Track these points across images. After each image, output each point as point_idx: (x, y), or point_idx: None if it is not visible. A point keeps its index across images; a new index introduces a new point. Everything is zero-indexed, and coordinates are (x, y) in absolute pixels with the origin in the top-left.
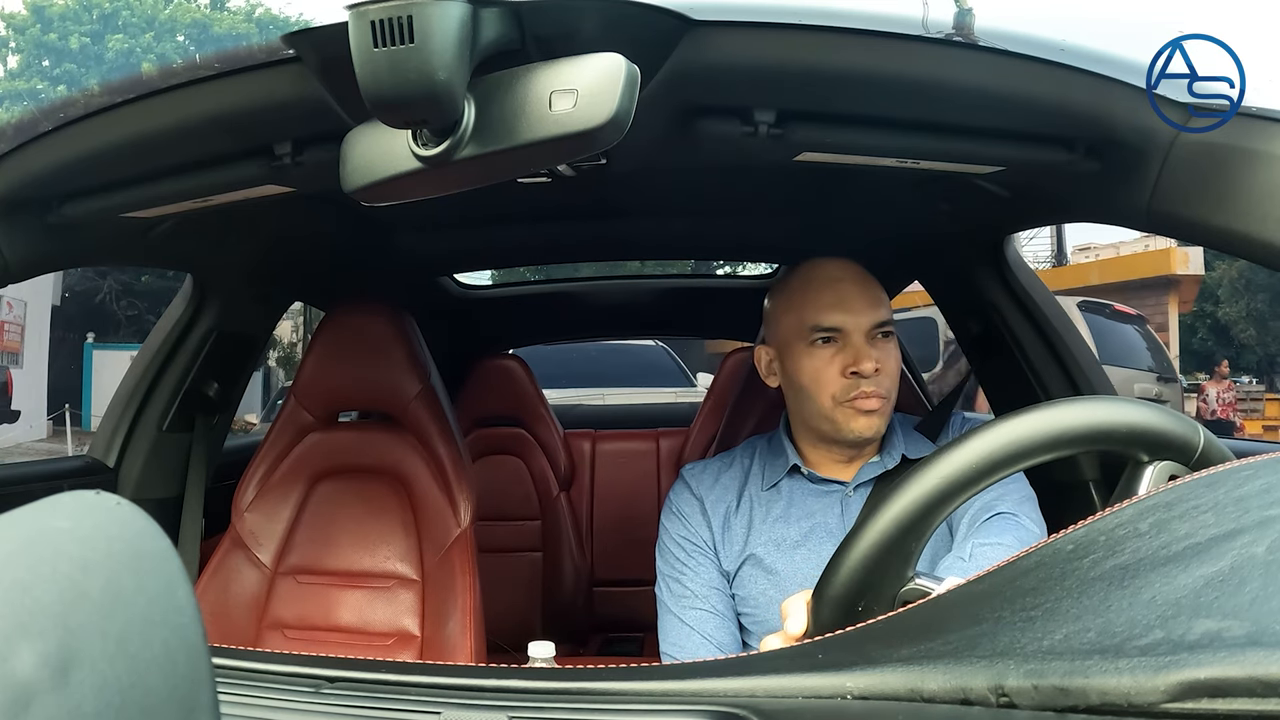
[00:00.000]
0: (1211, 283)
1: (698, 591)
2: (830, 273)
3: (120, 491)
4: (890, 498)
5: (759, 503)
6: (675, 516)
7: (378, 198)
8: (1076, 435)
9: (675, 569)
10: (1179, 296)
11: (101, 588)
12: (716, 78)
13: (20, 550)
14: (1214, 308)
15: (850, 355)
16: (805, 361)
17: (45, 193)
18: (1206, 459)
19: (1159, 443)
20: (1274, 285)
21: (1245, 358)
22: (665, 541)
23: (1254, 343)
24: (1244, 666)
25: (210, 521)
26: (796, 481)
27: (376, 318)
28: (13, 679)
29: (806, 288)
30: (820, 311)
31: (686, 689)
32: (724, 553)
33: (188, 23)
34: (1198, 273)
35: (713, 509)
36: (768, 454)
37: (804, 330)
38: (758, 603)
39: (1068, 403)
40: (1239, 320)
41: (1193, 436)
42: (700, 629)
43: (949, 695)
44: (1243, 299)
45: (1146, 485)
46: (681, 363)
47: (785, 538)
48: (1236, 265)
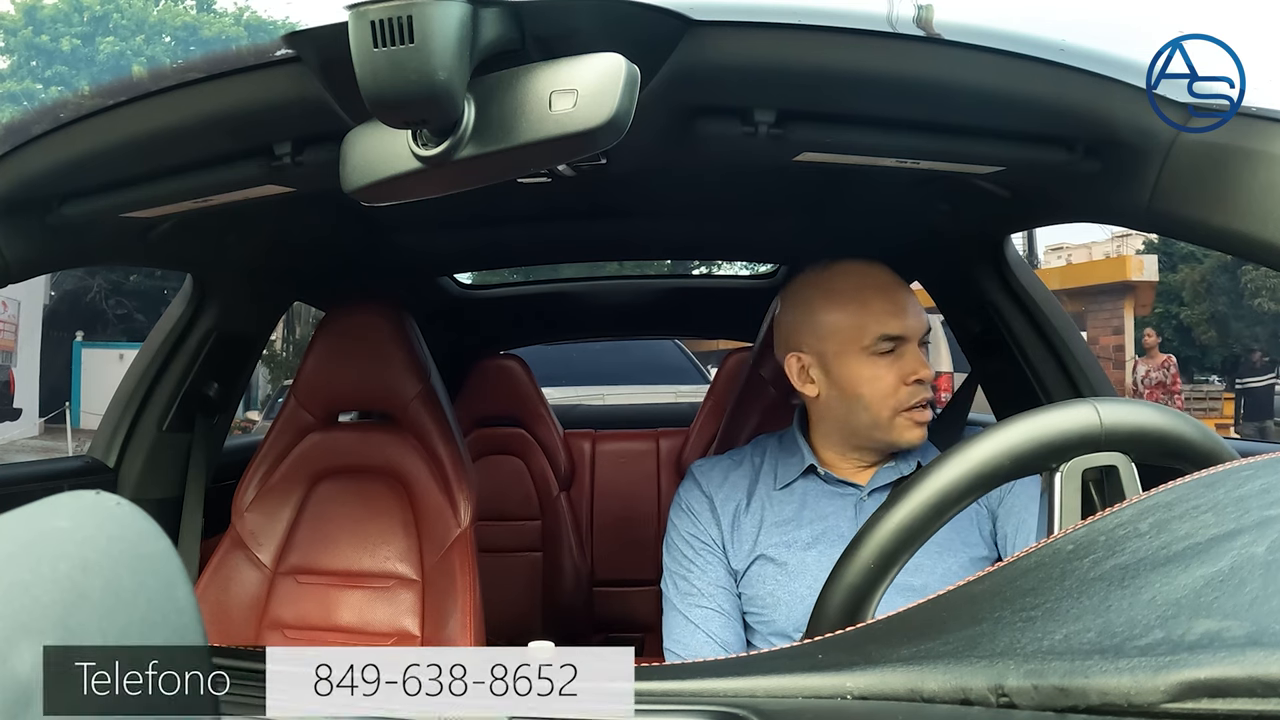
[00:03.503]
0: (1175, 285)
1: (704, 589)
2: (880, 278)
3: (120, 492)
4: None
5: (770, 502)
6: (684, 513)
7: (378, 198)
8: (991, 474)
9: (682, 566)
10: (1135, 301)
11: (101, 588)
12: (716, 78)
13: (21, 551)
14: (1180, 309)
15: (911, 363)
16: (863, 370)
17: (45, 193)
18: (1115, 434)
19: (1060, 445)
20: (1234, 289)
21: (1210, 358)
22: (673, 538)
23: (1215, 344)
24: (1244, 666)
25: (210, 521)
26: (811, 482)
27: (376, 318)
28: (13, 679)
29: (863, 291)
30: (884, 319)
31: (686, 689)
32: (733, 551)
33: (177, 25)
34: (1152, 279)
35: (722, 507)
36: (779, 453)
37: (863, 338)
38: (765, 603)
39: (967, 447)
40: (1200, 323)
41: (1089, 421)
42: (705, 627)
43: (949, 695)
44: (1205, 302)
45: (1058, 488)
46: (694, 358)
47: (796, 538)
48: (1199, 269)
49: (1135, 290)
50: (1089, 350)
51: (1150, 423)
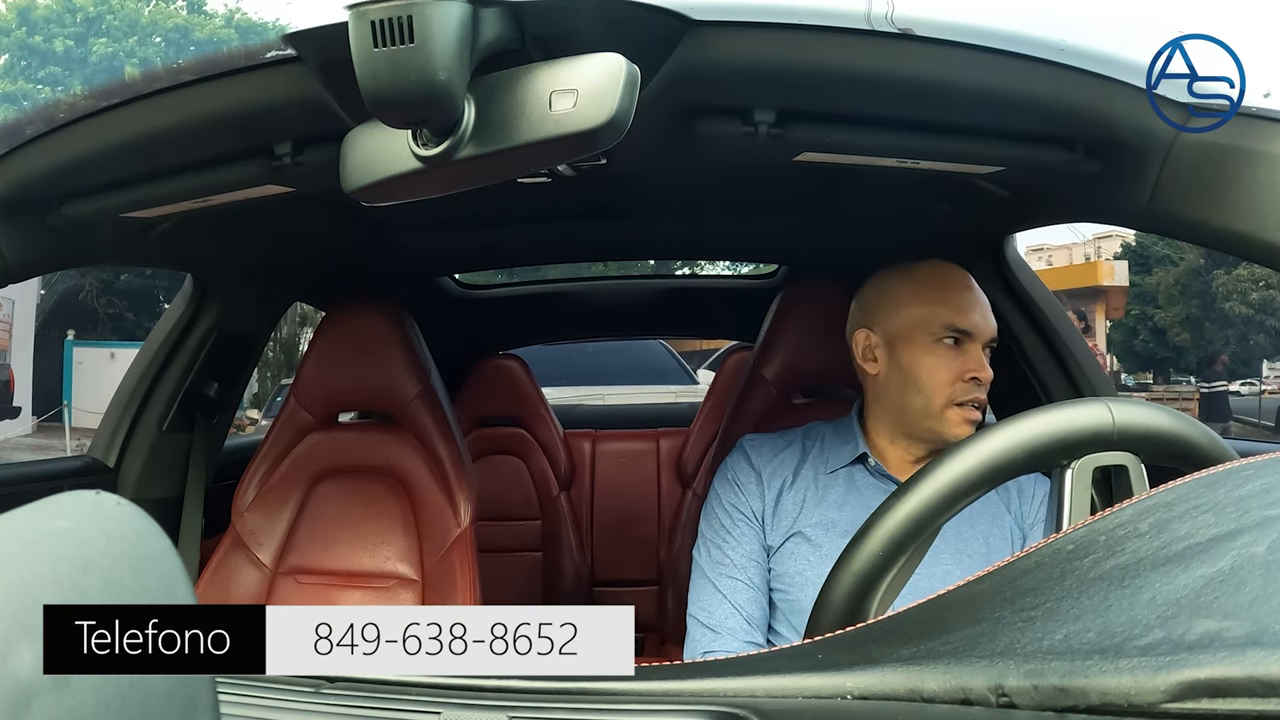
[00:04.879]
0: (1150, 288)
1: (736, 561)
2: (960, 277)
3: (120, 491)
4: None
5: (816, 484)
6: (729, 484)
7: (378, 198)
8: (1003, 467)
9: (719, 534)
10: (1107, 305)
11: (101, 588)
12: (716, 78)
13: (21, 551)
14: (1155, 311)
15: (973, 360)
16: (927, 357)
17: (45, 193)
18: (1127, 434)
19: (1072, 441)
20: (1206, 291)
21: (1184, 359)
22: (713, 506)
23: (1189, 345)
24: (1244, 666)
25: (210, 521)
26: (859, 472)
27: (376, 318)
28: (13, 679)
29: (942, 284)
30: (958, 312)
31: (686, 689)
32: (771, 526)
33: (169, 27)
34: (1123, 284)
35: (769, 481)
36: (833, 439)
37: (935, 325)
38: (794, 581)
39: (981, 439)
40: (1174, 325)
41: (1102, 420)
42: (732, 598)
43: (949, 695)
44: (1179, 304)
45: (1068, 486)
46: (681, 360)
47: (836, 522)
48: (1173, 272)
49: (1107, 294)
50: (1090, 351)
51: (1161, 425)
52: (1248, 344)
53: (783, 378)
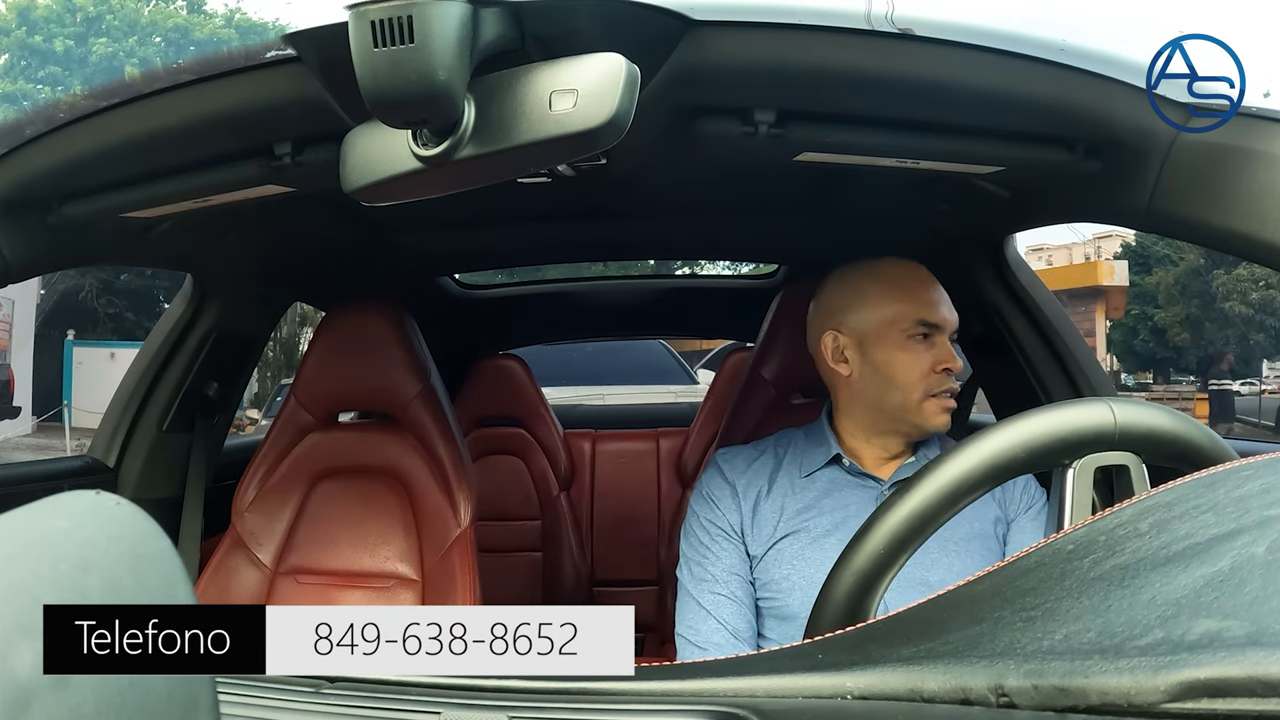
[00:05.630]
0: (1150, 288)
1: (719, 576)
2: (924, 274)
3: (120, 491)
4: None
5: (793, 490)
6: (705, 500)
7: (378, 198)
8: (1004, 467)
9: (699, 552)
10: (1107, 305)
11: (101, 588)
12: (716, 78)
13: (21, 551)
14: (1155, 311)
15: (944, 352)
16: (901, 354)
17: (45, 193)
18: (1129, 434)
19: (1074, 441)
20: (1206, 291)
21: (1184, 359)
22: (692, 524)
23: (1189, 345)
24: (1244, 666)
25: (210, 521)
26: (835, 472)
27: (376, 318)
28: (13, 679)
29: (910, 282)
30: (927, 308)
31: (686, 689)
32: (753, 537)
33: (169, 27)
34: (1123, 284)
35: (744, 493)
36: (805, 443)
37: (907, 322)
38: (780, 587)
39: (982, 438)
40: (1174, 325)
41: (1104, 419)
42: (717, 613)
43: (949, 695)
44: (1178, 304)
45: (1069, 485)
46: (681, 359)
47: (816, 525)
48: (1173, 272)
49: (1106, 294)
50: (1090, 351)
51: (1163, 425)
52: (1248, 344)
53: (782, 378)
